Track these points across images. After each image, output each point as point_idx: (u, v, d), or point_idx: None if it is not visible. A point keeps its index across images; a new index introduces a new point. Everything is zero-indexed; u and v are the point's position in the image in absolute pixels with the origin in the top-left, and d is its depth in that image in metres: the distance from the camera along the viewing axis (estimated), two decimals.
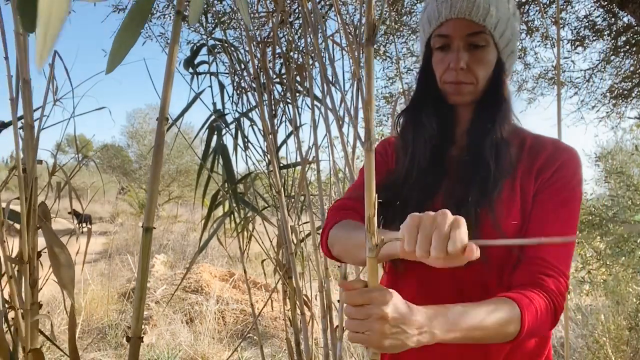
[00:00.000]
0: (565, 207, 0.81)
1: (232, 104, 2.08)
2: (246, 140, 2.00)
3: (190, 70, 2.01)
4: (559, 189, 0.82)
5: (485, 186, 0.80)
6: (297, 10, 2.15)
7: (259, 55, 1.93)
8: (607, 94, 4.18)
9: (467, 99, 0.86)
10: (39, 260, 1.13)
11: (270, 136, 1.88)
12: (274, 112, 1.97)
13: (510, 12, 0.85)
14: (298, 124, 1.92)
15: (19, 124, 1.13)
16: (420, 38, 0.95)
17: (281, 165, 2.02)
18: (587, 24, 3.60)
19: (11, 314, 1.13)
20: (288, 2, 2.09)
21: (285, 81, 1.99)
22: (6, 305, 1.12)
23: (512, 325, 0.69)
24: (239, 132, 1.99)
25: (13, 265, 1.10)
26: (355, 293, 0.60)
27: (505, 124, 0.85)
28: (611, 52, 3.71)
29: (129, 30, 0.59)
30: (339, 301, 1.88)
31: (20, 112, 1.13)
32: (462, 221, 0.57)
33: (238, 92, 2.07)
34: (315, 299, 1.88)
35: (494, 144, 0.83)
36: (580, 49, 3.76)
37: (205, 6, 2.28)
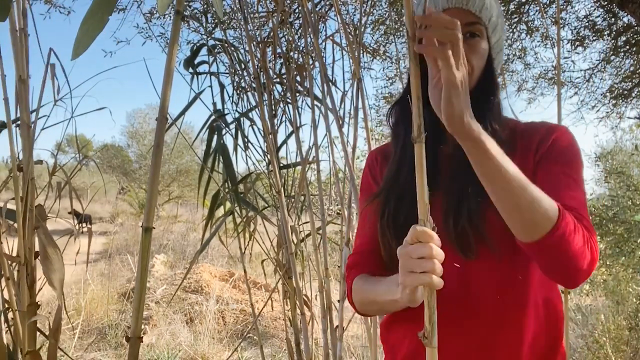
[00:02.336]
0: (572, 167, 0.81)
1: (232, 104, 2.08)
2: (246, 140, 2.00)
3: (190, 70, 2.01)
4: (562, 152, 0.82)
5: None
6: (297, 10, 2.15)
7: (259, 55, 1.93)
8: (607, 94, 4.18)
9: None
10: (36, 260, 1.13)
11: (270, 136, 1.88)
12: (274, 112, 1.97)
13: (500, 11, 0.87)
14: (298, 124, 1.92)
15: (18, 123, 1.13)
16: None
17: (281, 165, 2.02)
18: (587, 24, 3.59)
19: (10, 315, 1.13)
20: (288, 2, 2.09)
21: (285, 81, 1.99)
22: (6, 306, 1.12)
23: (549, 211, 0.67)
24: (239, 132, 1.99)
25: (12, 265, 1.10)
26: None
27: (496, 119, 0.84)
28: (611, 52, 3.71)
29: (96, 17, 0.58)
30: (339, 301, 1.88)
31: (17, 112, 1.13)
32: None
33: (238, 92, 2.07)
34: (315, 299, 1.88)
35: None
36: (580, 49, 3.76)
37: (205, 6, 2.28)
